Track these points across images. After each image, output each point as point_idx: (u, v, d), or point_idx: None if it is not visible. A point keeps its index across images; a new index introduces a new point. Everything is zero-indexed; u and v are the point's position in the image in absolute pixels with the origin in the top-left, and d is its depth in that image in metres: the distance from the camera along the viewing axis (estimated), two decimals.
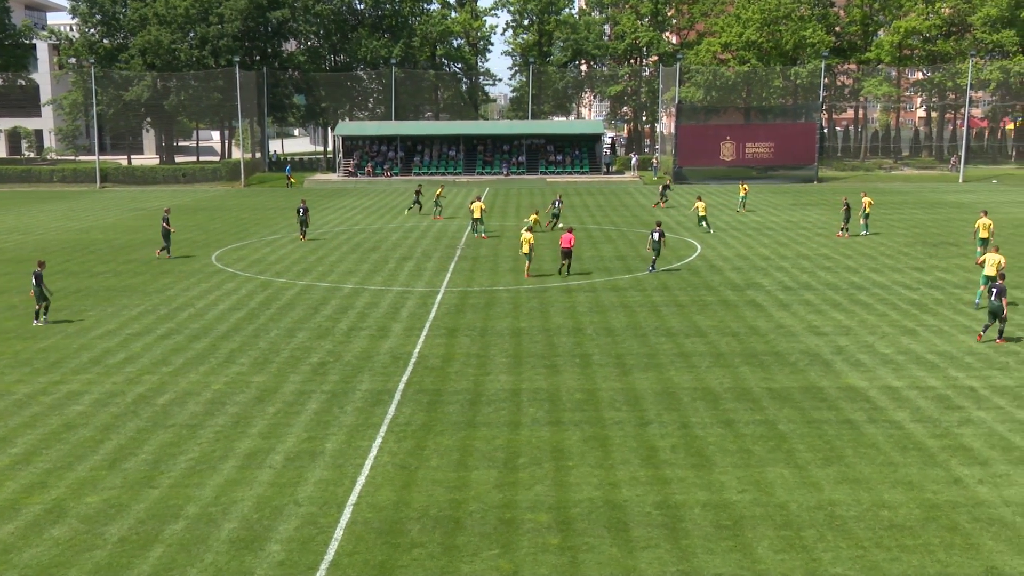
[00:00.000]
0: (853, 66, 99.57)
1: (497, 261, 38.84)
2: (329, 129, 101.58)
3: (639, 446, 17.67)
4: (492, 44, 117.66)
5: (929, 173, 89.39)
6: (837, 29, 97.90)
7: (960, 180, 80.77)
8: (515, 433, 18.39)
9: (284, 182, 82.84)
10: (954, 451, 17.28)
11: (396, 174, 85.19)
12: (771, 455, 17.16)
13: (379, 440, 18.04)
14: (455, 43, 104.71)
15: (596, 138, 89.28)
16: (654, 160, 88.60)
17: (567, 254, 34.87)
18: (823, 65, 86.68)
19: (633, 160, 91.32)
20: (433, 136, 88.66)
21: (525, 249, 34.71)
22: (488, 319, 28.15)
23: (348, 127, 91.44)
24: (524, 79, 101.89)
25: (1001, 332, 25.04)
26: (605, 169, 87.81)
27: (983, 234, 37.36)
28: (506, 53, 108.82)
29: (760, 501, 15.23)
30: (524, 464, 16.83)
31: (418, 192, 57.76)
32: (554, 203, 50.01)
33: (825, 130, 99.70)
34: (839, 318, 27.99)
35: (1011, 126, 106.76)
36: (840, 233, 45.45)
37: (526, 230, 35.24)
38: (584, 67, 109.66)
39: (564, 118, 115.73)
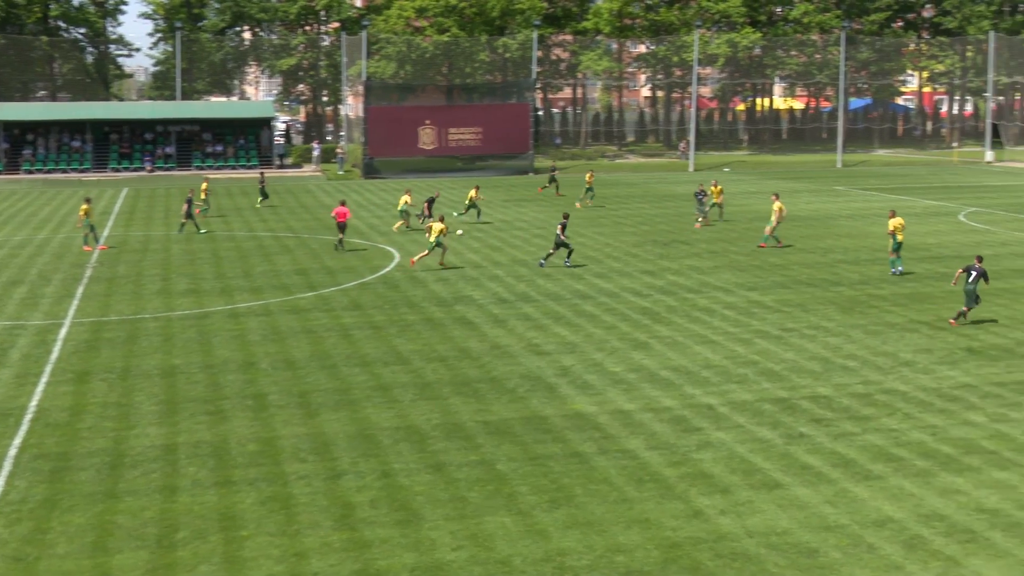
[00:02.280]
0: (569, 37, 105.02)
1: (141, 281, 37.40)
2: None
3: (331, 504, 17.61)
4: (126, 3, 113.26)
5: (657, 161, 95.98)
6: None
7: (691, 168, 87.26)
8: (171, 501, 17.77)
9: None
10: (693, 479, 18.60)
11: None
12: (489, 502, 17.67)
13: None
14: (75, 1, 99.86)
15: (265, 123, 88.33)
16: (339, 149, 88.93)
17: (342, 228, 43.06)
18: (535, 36, 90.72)
19: (315, 150, 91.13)
20: (49, 122, 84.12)
21: (432, 237, 38.64)
22: (131, 357, 27.03)
23: None
24: (170, 49, 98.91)
25: (963, 314, 30.03)
26: (278, 162, 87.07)
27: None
28: (144, 15, 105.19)
29: (478, 558, 15.64)
30: (184, 539, 16.29)
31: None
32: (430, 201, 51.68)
33: (540, 112, 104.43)
34: (563, 333, 29.35)
35: (742, 107, 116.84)
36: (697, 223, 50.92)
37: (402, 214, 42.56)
38: (248, 35, 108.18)
39: (224, 98, 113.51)
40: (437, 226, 38.68)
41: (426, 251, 39.34)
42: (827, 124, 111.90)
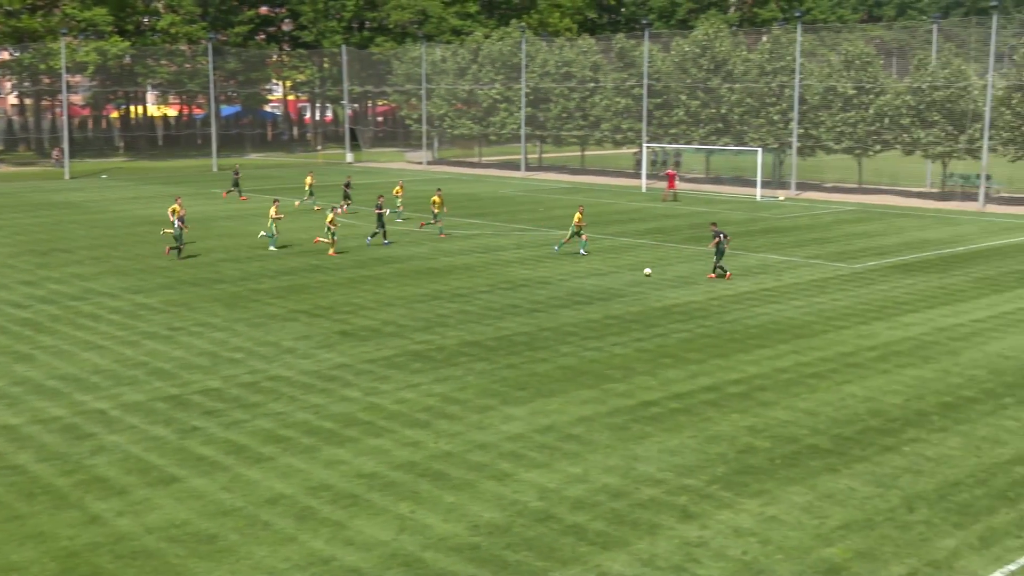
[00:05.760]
0: None
1: None
2: None
3: None
4: None
5: (31, 170, 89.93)
6: None
7: (67, 176, 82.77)
8: None
9: None
10: (89, 486, 17.70)
11: None
12: None
13: None
14: None
15: None
16: None
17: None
18: None
19: None
20: None
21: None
22: None
23: None
24: None
25: (719, 268, 36.57)
26: None
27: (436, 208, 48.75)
28: None
29: None
30: None
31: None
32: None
33: None
34: None
35: (116, 114, 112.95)
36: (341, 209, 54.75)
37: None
38: None
39: None
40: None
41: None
42: (201, 130, 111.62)
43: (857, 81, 68.02)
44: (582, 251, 41.95)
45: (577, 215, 42.20)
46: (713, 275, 36.69)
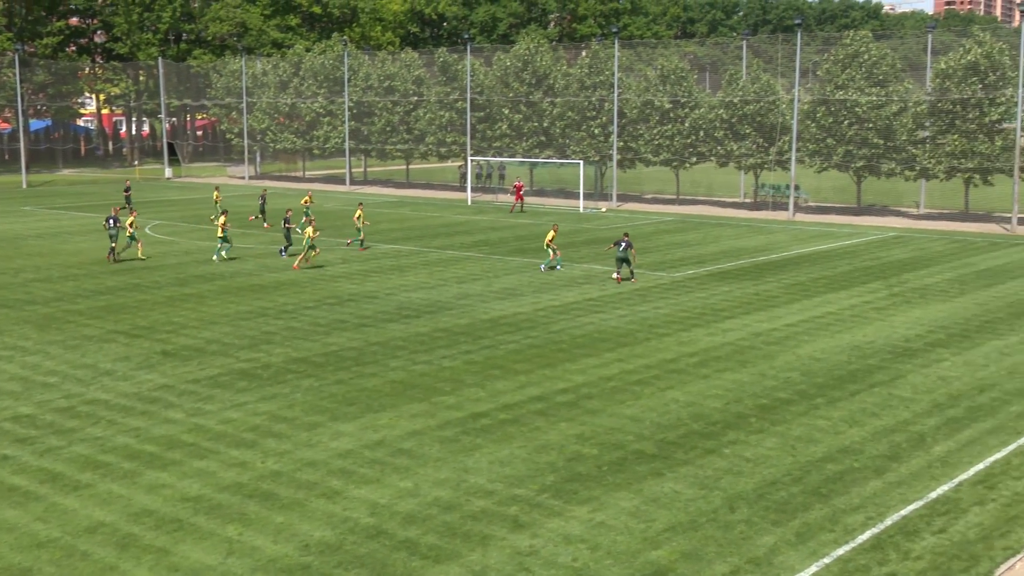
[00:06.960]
0: None
1: None
2: None
3: None
4: None
5: None
6: None
7: None
8: None
9: None
10: None
11: None
12: None
13: None
14: None
15: None
16: None
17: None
18: None
19: None
20: None
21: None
22: None
23: None
24: None
25: (632, 273, 38.70)
26: None
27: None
28: None
29: None
30: None
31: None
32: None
33: None
34: None
35: None
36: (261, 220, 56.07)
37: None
38: None
39: None
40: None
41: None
42: (9, 145, 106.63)
43: (673, 95, 70.11)
44: (558, 267, 41.57)
45: (552, 232, 41.79)
46: (627, 277, 38.50)
